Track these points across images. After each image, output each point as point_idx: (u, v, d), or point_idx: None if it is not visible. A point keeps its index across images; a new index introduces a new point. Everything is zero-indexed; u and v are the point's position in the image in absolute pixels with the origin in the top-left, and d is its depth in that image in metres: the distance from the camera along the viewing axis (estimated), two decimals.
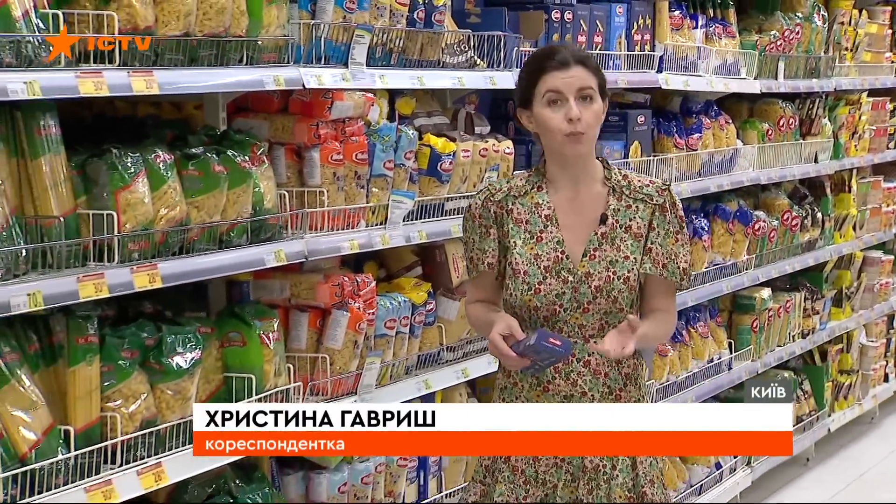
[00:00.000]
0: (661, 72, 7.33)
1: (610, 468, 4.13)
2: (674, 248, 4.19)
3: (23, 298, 3.90)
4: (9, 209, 4.01)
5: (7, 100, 3.87)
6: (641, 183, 4.23)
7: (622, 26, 7.02)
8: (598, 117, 4.17)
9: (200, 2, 4.49)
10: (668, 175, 7.48)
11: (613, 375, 4.17)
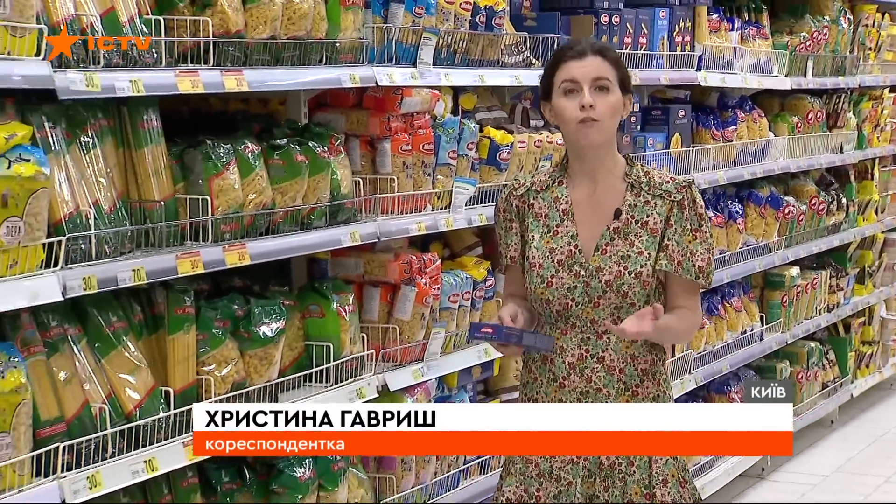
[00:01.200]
0: (700, 70, 7.32)
1: (626, 465, 3.84)
2: (690, 246, 3.85)
3: (128, 273, 3.95)
4: (116, 194, 4.06)
5: (114, 96, 3.92)
6: (662, 179, 3.91)
7: (665, 29, 7.00)
8: (614, 108, 3.85)
9: (285, 8, 4.51)
10: (705, 164, 7.48)
11: (629, 371, 3.85)
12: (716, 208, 7.78)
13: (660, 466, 3.84)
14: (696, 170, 7.35)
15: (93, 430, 3.90)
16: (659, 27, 6.95)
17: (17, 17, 3.60)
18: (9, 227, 3.57)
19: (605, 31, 6.51)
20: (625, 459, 3.83)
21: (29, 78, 3.64)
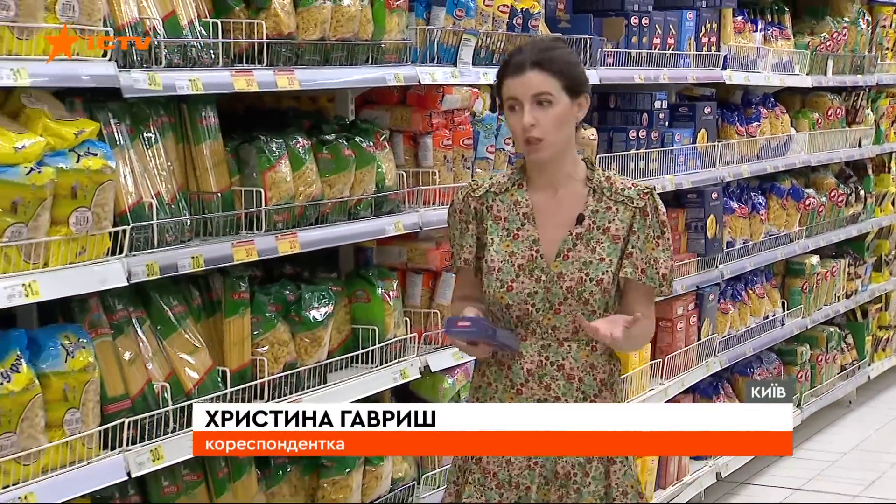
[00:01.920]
0: (725, 69, 7.31)
1: (582, 476, 3.58)
2: (654, 254, 3.62)
3: (188, 260, 3.97)
4: (176, 186, 4.09)
5: (175, 95, 3.95)
6: (623, 185, 3.65)
7: (692, 30, 6.99)
8: (558, 121, 3.54)
9: (334, 11, 4.52)
10: (730, 158, 7.48)
11: (588, 381, 3.60)
12: (740, 200, 7.79)
13: (619, 478, 3.60)
14: (722, 164, 7.35)
15: (155, 407, 3.93)
16: (686, 28, 6.95)
17: (85, 20, 3.62)
18: (78, 216, 3.60)
19: (636, 33, 6.51)
20: (580, 470, 3.58)
21: (96, 77, 3.66)
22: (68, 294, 3.63)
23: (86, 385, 3.67)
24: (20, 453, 3.45)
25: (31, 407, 3.49)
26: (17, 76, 3.39)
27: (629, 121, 6.78)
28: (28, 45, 3.47)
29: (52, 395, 3.57)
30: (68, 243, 3.60)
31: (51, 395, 3.57)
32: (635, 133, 6.64)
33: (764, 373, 8.03)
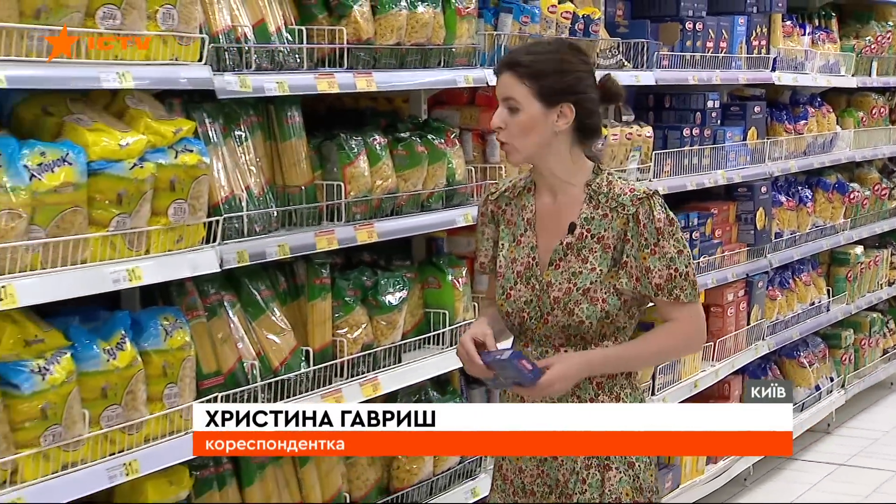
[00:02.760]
0: (775, 70, 7.28)
1: (579, 483, 3.29)
2: (647, 263, 3.23)
3: (274, 248, 4.00)
4: (264, 180, 4.13)
5: (263, 96, 3.98)
6: (621, 191, 3.26)
7: (743, 34, 6.97)
8: (523, 128, 3.21)
9: (409, 18, 4.54)
10: (778, 154, 7.45)
11: (584, 385, 3.28)
12: (787, 193, 7.76)
13: (613, 485, 3.29)
14: (770, 159, 7.33)
15: (245, 383, 3.98)
16: (738, 32, 6.92)
17: (183, 27, 3.68)
18: (176, 208, 3.64)
19: (690, 37, 6.49)
20: (576, 477, 3.30)
21: (193, 80, 3.72)
22: (167, 279, 3.68)
23: (183, 362, 3.73)
24: (125, 423, 3.52)
25: (135, 382, 3.56)
26: (122, 79, 3.45)
27: (683, 119, 6.77)
28: (132, 51, 3.53)
29: (153, 371, 3.64)
30: (167, 232, 3.65)
31: (152, 371, 3.63)
32: (689, 131, 6.64)
33: (810, 356, 8.00)
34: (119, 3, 3.47)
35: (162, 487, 3.71)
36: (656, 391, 6.24)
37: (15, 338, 3.31)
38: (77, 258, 3.39)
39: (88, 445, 3.43)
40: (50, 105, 3.53)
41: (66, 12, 3.34)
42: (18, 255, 3.23)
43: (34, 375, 3.29)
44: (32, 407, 3.28)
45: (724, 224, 7.05)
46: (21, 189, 3.23)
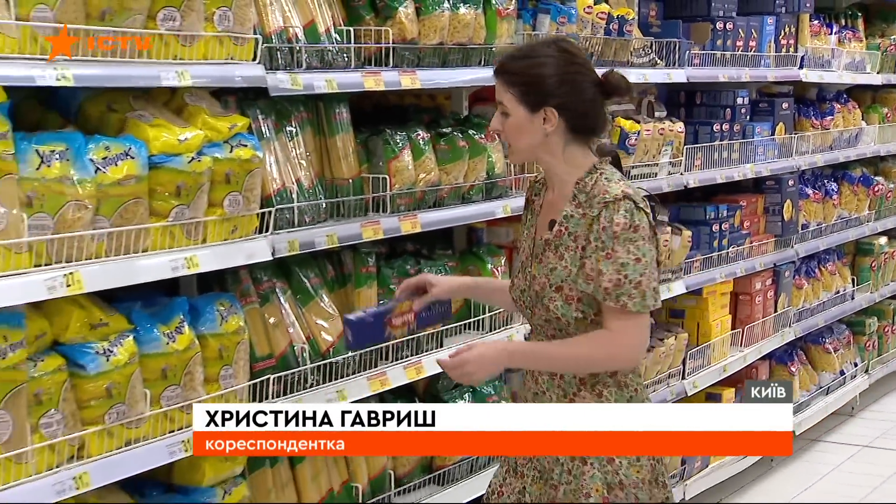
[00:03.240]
0: (802, 68, 7.25)
1: (562, 472, 3.20)
2: (599, 265, 3.09)
3: (323, 238, 4.03)
4: (313, 173, 4.15)
5: (313, 93, 4.01)
6: (599, 190, 3.14)
7: (772, 33, 6.94)
8: (514, 130, 3.17)
9: (452, 19, 4.55)
10: (805, 149, 7.42)
11: (567, 378, 3.19)
12: (814, 186, 7.74)
13: (586, 479, 3.17)
14: (798, 154, 7.31)
15: (295, 365, 4.01)
16: (767, 32, 6.90)
17: (238, 28, 3.70)
18: (231, 199, 3.67)
19: (721, 36, 6.48)
20: (558, 466, 3.20)
21: (247, 78, 3.74)
22: (223, 267, 3.71)
23: (237, 346, 3.76)
24: (183, 403, 3.57)
25: (192, 364, 3.60)
26: (181, 77, 3.49)
27: (713, 115, 6.76)
28: (190, 50, 3.57)
29: (210, 354, 3.68)
30: (223, 223, 3.67)
31: (208, 353, 3.67)
32: (719, 126, 6.64)
33: (835, 342, 7.98)
34: (178, 5, 3.50)
35: (217, 464, 3.74)
36: (686, 375, 6.25)
37: (81, 321, 3.36)
38: (139, 247, 3.43)
39: (150, 423, 3.47)
40: (114, 102, 3.57)
41: (129, 14, 3.37)
42: (85, 244, 3.27)
43: (99, 357, 3.34)
44: (98, 386, 3.33)
45: (753, 216, 7.05)
46: (87, 181, 3.27)
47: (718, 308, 6.61)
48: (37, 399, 3.19)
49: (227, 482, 3.77)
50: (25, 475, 3.12)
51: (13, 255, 3.09)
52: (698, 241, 6.39)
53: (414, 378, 4.38)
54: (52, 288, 3.14)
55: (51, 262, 3.20)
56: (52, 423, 3.22)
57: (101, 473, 3.29)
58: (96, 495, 3.41)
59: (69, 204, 3.23)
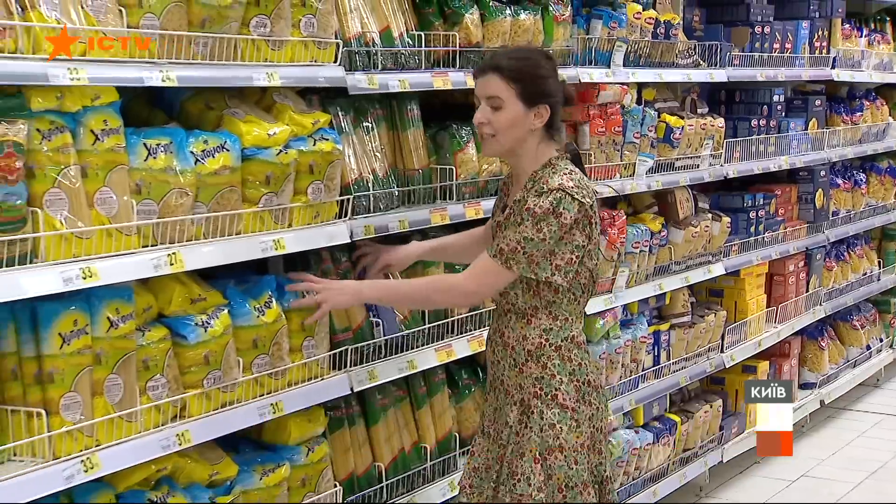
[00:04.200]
0: (834, 68, 7.19)
1: (510, 433, 3.40)
2: (506, 232, 3.31)
3: (395, 223, 4.03)
4: (387, 164, 4.15)
5: (388, 92, 4.02)
6: (543, 181, 3.31)
7: (806, 36, 6.89)
8: (508, 124, 3.26)
9: (513, 24, 4.55)
10: (836, 142, 7.36)
11: (518, 349, 3.37)
12: (844, 177, 7.68)
13: (523, 440, 3.35)
14: (829, 147, 7.25)
15: (371, 338, 4.01)
16: (801, 35, 6.85)
17: (321, 34, 3.73)
18: (314, 188, 3.70)
19: (759, 39, 6.45)
20: (509, 429, 3.38)
21: (329, 79, 3.77)
22: (306, 248, 3.72)
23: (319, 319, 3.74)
24: (272, 370, 3.61)
25: (279, 335, 3.63)
26: (270, 78, 3.52)
27: (751, 112, 6.72)
28: (279, 54, 3.59)
29: (294, 327, 3.70)
30: (306, 209, 3.70)
31: (293, 326, 3.69)
32: (756, 122, 6.60)
33: (861, 319, 7.92)
34: (269, 13, 3.53)
35: (302, 425, 3.78)
36: (725, 349, 6.23)
37: (182, 297, 3.40)
38: (232, 230, 3.47)
39: (242, 388, 3.51)
40: (211, 101, 3.61)
41: (226, 21, 3.40)
42: (185, 227, 3.32)
43: (198, 328, 3.38)
44: (197, 354, 3.38)
45: (787, 204, 7.01)
46: (188, 171, 3.32)
47: (754, 288, 6.58)
48: (144, 365, 3.25)
49: (310, 441, 3.80)
50: (135, 432, 3.18)
51: (124, 237, 3.14)
52: (736, 227, 6.38)
53: (476, 350, 4.39)
54: (158, 266, 3.19)
55: (156, 244, 3.24)
56: (158, 387, 3.28)
57: (200, 431, 3.34)
58: (196, 451, 3.46)
59: (172, 191, 3.27)
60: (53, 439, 2.97)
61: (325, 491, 3.83)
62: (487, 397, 3.56)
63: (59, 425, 2.99)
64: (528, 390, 3.39)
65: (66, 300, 3.02)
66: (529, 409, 3.38)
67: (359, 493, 3.99)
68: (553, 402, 3.36)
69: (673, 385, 5.78)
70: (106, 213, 3.10)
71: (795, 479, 6.28)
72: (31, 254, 2.91)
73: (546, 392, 3.38)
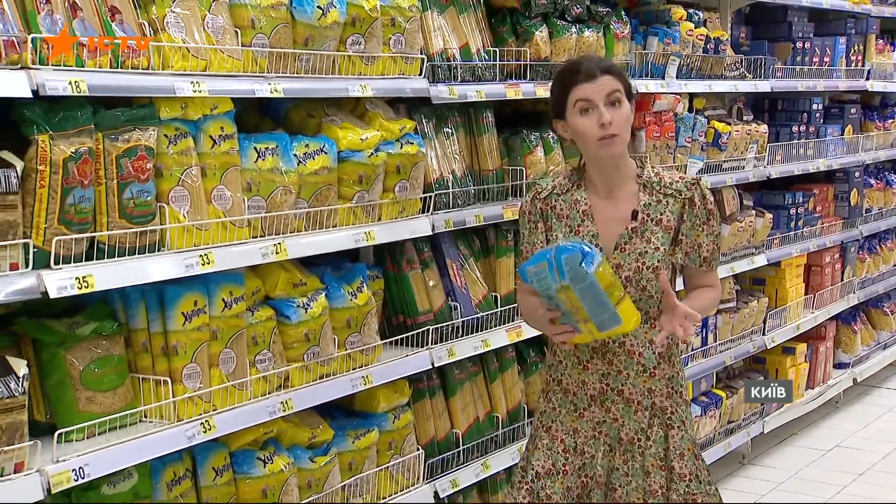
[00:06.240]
0: (868, 80, 7.06)
1: (644, 440, 2.98)
2: (698, 239, 2.97)
3: (472, 218, 4.05)
4: (464, 165, 4.16)
5: (466, 101, 4.02)
6: (672, 179, 2.99)
7: (843, 51, 6.79)
8: (628, 119, 2.92)
9: (577, 41, 4.54)
10: (869, 146, 7.23)
11: (647, 355, 2.97)
12: (876, 177, 7.55)
13: (676, 441, 2.99)
14: (863, 150, 7.14)
15: (449, 319, 4.03)
16: (839, 50, 6.75)
17: (408, 50, 3.75)
18: (400, 186, 3.73)
19: (800, 53, 6.36)
20: (643, 435, 2.99)
21: (414, 90, 3.79)
22: (393, 239, 3.76)
23: None
24: (363, 347, 3.64)
25: (369, 316, 3.67)
26: (363, 90, 3.56)
27: (792, 119, 6.64)
28: (371, 68, 3.63)
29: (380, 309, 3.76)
30: (393, 205, 3.73)
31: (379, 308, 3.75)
32: (797, 128, 6.52)
33: (892, 306, 7.78)
34: (363, 32, 3.56)
35: (388, 395, 3.81)
36: (766, 332, 6.18)
37: (286, 282, 3.45)
38: (329, 223, 3.51)
39: (337, 362, 3.55)
40: (311, 110, 3.65)
41: (326, 40, 3.44)
42: (289, 221, 3.36)
43: (299, 309, 3.42)
44: (298, 332, 3.42)
45: (824, 202, 6.92)
46: (291, 172, 3.36)
47: (794, 277, 6.52)
48: (253, 341, 3.30)
49: (396, 409, 3.83)
50: (245, 399, 3.24)
51: (236, 229, 3.19)
52: (778, 223, 6.32)
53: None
54: (265, 255, 3.23)
55: (263, 235, 3.28)
56: (265, 360, 3.33)
57: (301, 400, 3.38)
58: (298, 416, 3.51)
59: (278, 189, 3.31)
60: (177, 404, 3.04)
61: (408, 454, 3.86)
62: (583, 413, 3.04)
63: (182, 392, 3.06)
64: (659, 392, 3.00)
65: (187, 284, 3.08)
66: (664, 411, 3.01)
67: (438, 456, 4.01)
68: (681, 398, 3.04)
69: (719, 364, 5.75)
70: (221, 208, 3.16)
71: (830, 449, 6.21)
72: (158, 243, 2.98)
73: (676, 391, 3.03)
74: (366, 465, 3.69)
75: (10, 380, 2.61)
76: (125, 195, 2.87)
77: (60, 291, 2.66)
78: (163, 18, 2.99)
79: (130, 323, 3.06)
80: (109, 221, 2.85)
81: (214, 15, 3.12)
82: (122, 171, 2.86)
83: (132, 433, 2.92)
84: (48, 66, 2.67)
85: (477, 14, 4.23)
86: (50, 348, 2.89)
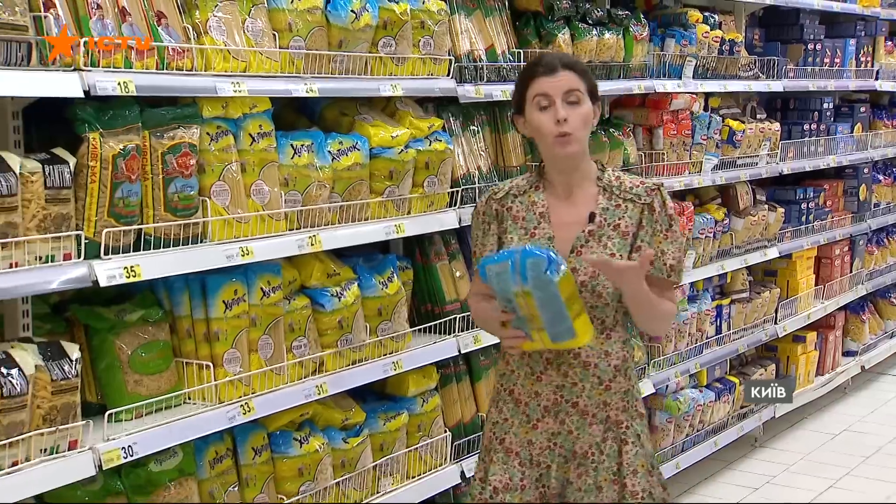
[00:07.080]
0: (877, 80, 7.02)
1: (598, 454, 2.73)
2: (661, 246, 2.71)
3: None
4: (490, 161, 4.15)
5: (492, 100, 4.01)
6: (632, 184, 2.74)
7: (853, 52, 6.74)
8: (586, 119, 2.69)
9: (598, 43, 4.54)
10: (878, 143, 7.18)
11: (603, 367, 2.71)
12: (885, 173, 7.49)
13: (630, 458, 2.73)
14: (872, 148, 7.09)
15: None
16: (849, 51, 6.70)
17: (436, 52, 3.76)
18: (429, 181, 3.73)
19: (811, 55, 6.33)
20: (596, 449, 2.73)
21: (443, 89, 3.79)
22: (422, 232, 3.76)
23: None
24: (393, 334, 3.66)
25: (399, 305, 3.67)
26: (394, 89, 3.56)
27: (804, 117, 6.60)
28: (401, 69, 3.63)
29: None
30: (422, 199, 3.73)
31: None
32: (808, 126, 6.48)
33: None
34: (394, 35, 3.57)
35: (418, 380, 3.81)
36: (778, 321, 6.15)
37: (321, 272, 3.46)
38: (361, 217, 3.52)
39: (369, 348, 3.56)
40: (344, 108, 3.65)
41: (358, 42, 3.45)
42: (323, 214, 3.38)
43: (333, 298, 3.43)
44: (332, 320, 3.43)
45: (834, 197, 6.87)
46: (325, 167, 3.37)
47: (805, 269, 6.48)
48: (290, 328, 3.31)
49: (424, 394, 3.84)
50: (282, 383, 3.25)
51: (274, 222, 3.21)
52: (789, 217, 6.28)
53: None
54: (301, 246, 3.24)
55: (299, 227, 3.30)
56: (301, 346, 3.34)
57: (335, 384, 3.39)
58: (332, 399, 3.52)
59: (313, 184, 3.33)
60: (219, 387, 3.07)
61: (437, 435, 3.87)
62: (536, 424, 2.77)
63: (223, 376, 3.08)
64: (615, 406, 2.75)
65: (228, 273, 3.11)
66: (618, 425, 2.76)
67: (464, 438, 4.01)
68: (636, 412, 2.80)
69: (732, 351, 5.73)
70: (260, 202, 3.18)
71: (839, 433, 6.19)
72: (201, 235, 3.00)
73: (631, 404, 2.78)
74: (396, 445, 3.70)
75: (65, 363, 2.65)
76: (170, 189, 2.90)
77: (110, 280, 2.69)
78: (205, 22, 3.01)
79: (175, 310, 3.09)
80: (155, 214, 2.88)
81: (254, 19, 3.14)
82: (168, 167, 2.88)
83: (177, 414, 2.95)
84: (99, 68, 2.69)
85: (502, 17, 4.23)
86: (100, 334, 2.92)
